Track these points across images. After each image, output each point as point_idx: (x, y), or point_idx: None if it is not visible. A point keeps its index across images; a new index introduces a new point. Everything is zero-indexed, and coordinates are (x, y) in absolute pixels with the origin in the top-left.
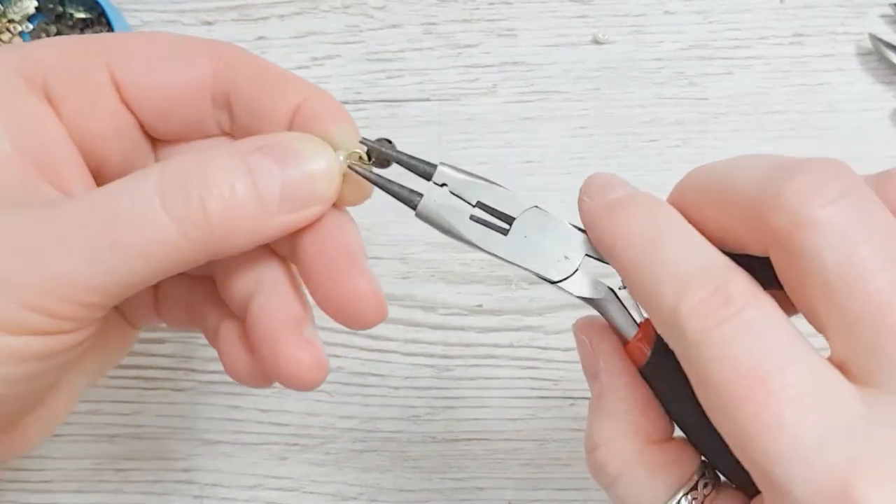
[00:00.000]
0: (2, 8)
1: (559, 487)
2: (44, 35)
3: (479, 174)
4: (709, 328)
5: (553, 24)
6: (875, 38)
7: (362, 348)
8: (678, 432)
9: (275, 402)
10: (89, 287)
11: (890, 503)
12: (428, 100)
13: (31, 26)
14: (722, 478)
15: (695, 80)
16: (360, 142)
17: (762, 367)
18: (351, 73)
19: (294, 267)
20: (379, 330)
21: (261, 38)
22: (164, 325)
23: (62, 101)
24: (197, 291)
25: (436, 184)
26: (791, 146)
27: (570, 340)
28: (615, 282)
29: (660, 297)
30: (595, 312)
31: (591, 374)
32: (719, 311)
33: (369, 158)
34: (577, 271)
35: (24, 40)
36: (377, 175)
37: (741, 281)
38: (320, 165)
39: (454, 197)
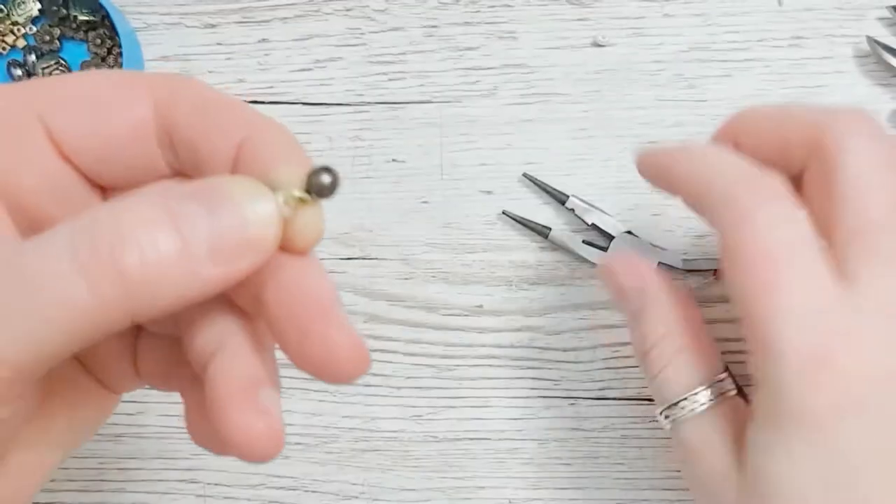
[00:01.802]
0: (5, 10)
1: (560, 487)
2: (47, 38)
3: (594, 203)
4: (756, 205)
5: (553, 26)
6: (873, 41)
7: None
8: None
9: None
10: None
11: (858, 366)
12: (429, 102)
13: (34, 28)
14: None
15: (694, 83)
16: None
17: (781, 246)
18: (353, 75)
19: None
20: (381, 330)
21: (263, 40)
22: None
23: None
24: (172, 352)
25: (567, 208)
26: None
27: (570, 341)
28: (675, 286)
29: (722, 177)
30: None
31: (632, 292)
32: (767, 193)
33: (309, 193)
34: None
35: (28, 43)
36: (516, 215)
37: (783, 181)
38: (255, 210)
39: (567, 231)
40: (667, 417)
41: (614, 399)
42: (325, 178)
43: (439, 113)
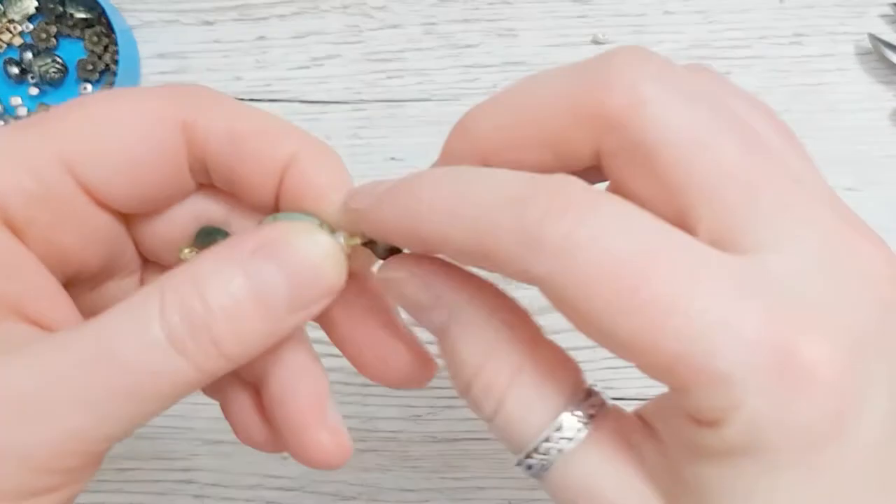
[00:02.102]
0: (2, 8)
1: None
2: (44, 36)
3: None
4: (571, 230)
5: (553, 24)
6: (874, 38)
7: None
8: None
9: None
10: (99, 437)
11: (825, 349)
12: (428, 100)
13: (31, 26)
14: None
15: None
16: None
17: (644, 251)
18: (351, 73)
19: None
20: None
21: (261, 37)
22: None
23: (28, 225)
24: None
25: None
26: None
27: (570, 341)
28: None
29: (497, 226)
30: None
31: (428, 305)
32: (573, 210)
33: (367, 245)
34: None
35: (24, 41)
36: None
37: (577, 181)
38: (325, 258)
39: None
40: (529, 468)
41: (614, 399)
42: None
43: (438, 111)
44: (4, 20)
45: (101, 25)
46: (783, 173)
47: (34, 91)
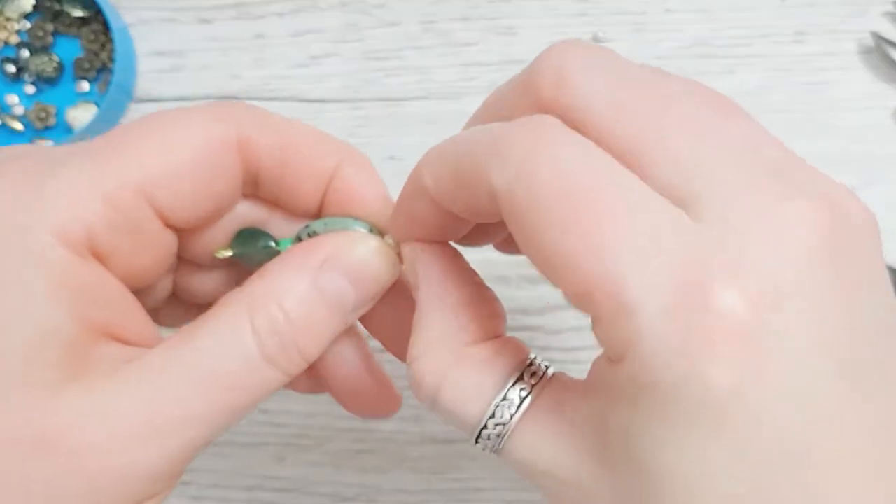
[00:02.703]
0: None
1: None
2: (41, 33)
3: None
4: (536, 145)
5: (553, 22)
6: (877, 36)
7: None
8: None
9: (274, 402)
10: (205, 445)
11: (737, 298)
12: (427, 98)
13: (27, 24)
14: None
15: (696, 79)
16: None
17: (596, 181)
18: (349, 71)
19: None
20: None
21: (259, 35)
22: None
23: (111, 254)
24: None
25: None
26: (792, 144)
27: (570, 340)
28: None
29: (476, 143)
30: None
31: (413, 286)
32: (543, 133)
33: None
34: None
35: (21, 39)
36: None
37: (554, 119)
38: (386, 267)
39: None
40: (486, 448)
41: None
42: None
43: (437, 109)
44: (1, 18)
45: (98, 23)
46: (707, 132)
47: (31, 89)
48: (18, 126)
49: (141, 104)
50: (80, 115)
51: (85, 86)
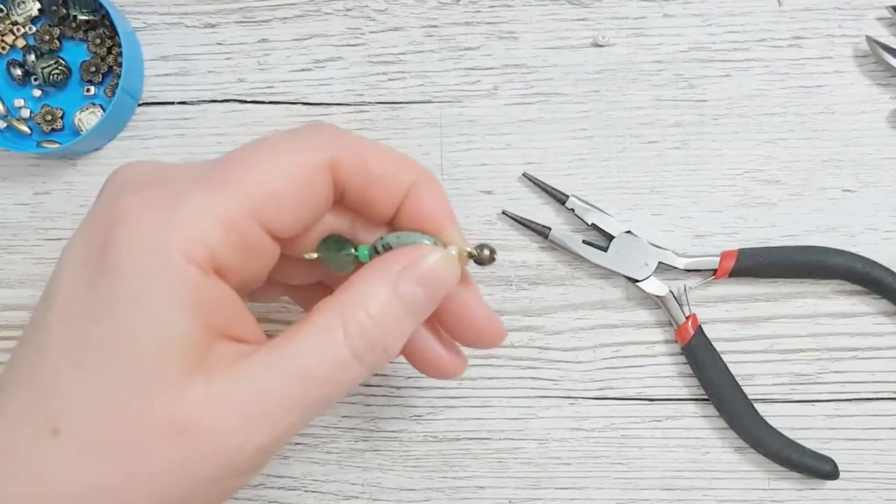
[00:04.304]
0: (5, 10)
1: (559, 487)
2: (47, 38)
3: (593, 203)
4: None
5: (553, 26)
6: (872, 41)
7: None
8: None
9: None
10: (301, 426)
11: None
12: (429, 102)
13: (34, 28)
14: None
15: (694, 83)
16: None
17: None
18: (353, 75)
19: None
20: None
21: (263, 40)
22: None
23: (230, 270)
24: None
25: (567, 208)
26: (789, 147)
27: (570, 341)
28: (675, 285)
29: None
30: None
31: None
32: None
33: (472, 256)
34: (652, 275)
35: (27, 42)
36: (516, 215)
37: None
38: (450, 273)
39: (567, 231)
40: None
41: (614, 399)
42: (486, 252)
43: (439, 113)
44: (7, 22)
45: (105, 27)
46: None
47: (37, 93)
48: (25, 129)
49: (147, 108)
50: (87, 118)
51: (91, 89)
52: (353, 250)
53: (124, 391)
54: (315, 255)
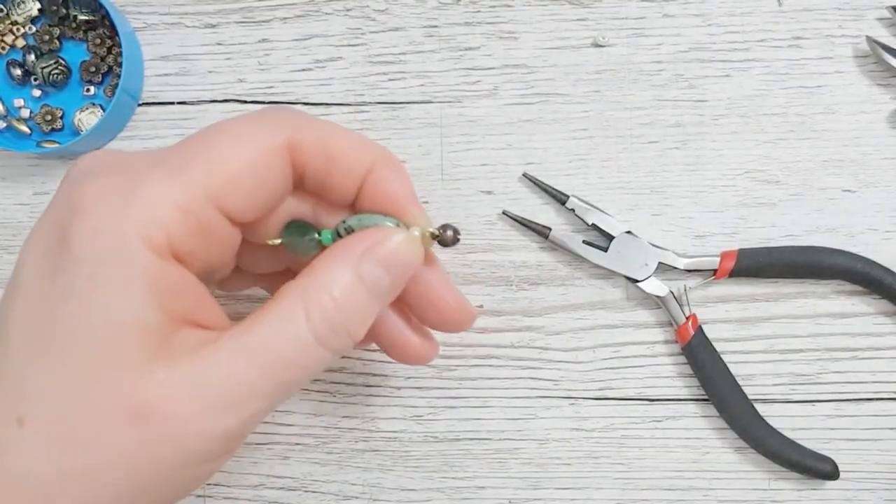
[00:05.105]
0: (4, 10)
1: (559, 487)
2: (47, 38)
3: (594, 204)
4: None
5: (553, 27)
6: (872, 41)
7: (365, 349)
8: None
9: None
10: (265, 416)
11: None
12: (429, 102)
13: (34, 28)
14: None
15: (694, 83)
16: (436, 230)
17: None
18: (353, 75)
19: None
20: None
21: (263, 40)
22: None
23: (190, 256)
24: None
25: (567, 208)
26: (789, 148)
27: (570, 341)
28: (675, 285)
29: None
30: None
31: None
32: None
33: (434, 237)
34: (652, 275)
35: (27, 42)
36: (516, 215)
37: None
38: (413, 254)
39: (567, 231)
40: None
41: (614, 399)
42: (450, 233)
43: (440, 113)
44: (7, 22)
45: (105, 27)
46: None
47: (37, 93)
48: (25, 129)
49: (147, 108)
50: (87, 118)
51: (91, 89)
52: (316, 235)
53: (85, 379)
54: (278, 241)
